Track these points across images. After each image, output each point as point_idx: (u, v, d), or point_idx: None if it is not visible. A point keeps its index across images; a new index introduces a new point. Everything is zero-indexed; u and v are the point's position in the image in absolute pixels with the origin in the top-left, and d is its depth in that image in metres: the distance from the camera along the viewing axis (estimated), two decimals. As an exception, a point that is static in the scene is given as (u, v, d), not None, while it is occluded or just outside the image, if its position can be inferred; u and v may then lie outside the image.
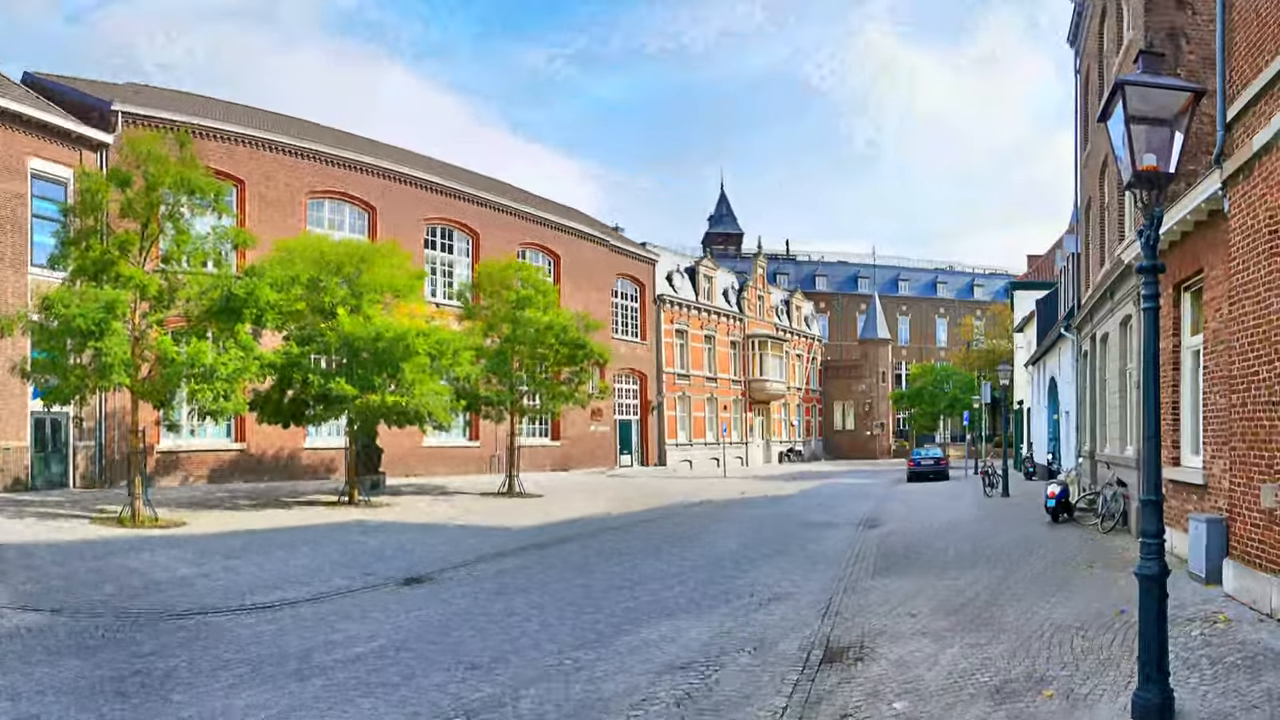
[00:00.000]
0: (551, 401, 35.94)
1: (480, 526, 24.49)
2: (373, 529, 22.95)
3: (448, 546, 20.30)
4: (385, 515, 26.10)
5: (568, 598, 14.13)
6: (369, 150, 43.21)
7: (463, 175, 49.72)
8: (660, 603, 13.74)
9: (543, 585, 15.29)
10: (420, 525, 24.27)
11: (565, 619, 12.56)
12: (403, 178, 42.78)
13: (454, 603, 13.82)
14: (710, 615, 12.80)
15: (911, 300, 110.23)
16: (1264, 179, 10.81)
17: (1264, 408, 10.68)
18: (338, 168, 39.92)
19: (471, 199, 46.47)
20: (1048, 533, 20.89)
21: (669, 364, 64.53)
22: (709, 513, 29.81)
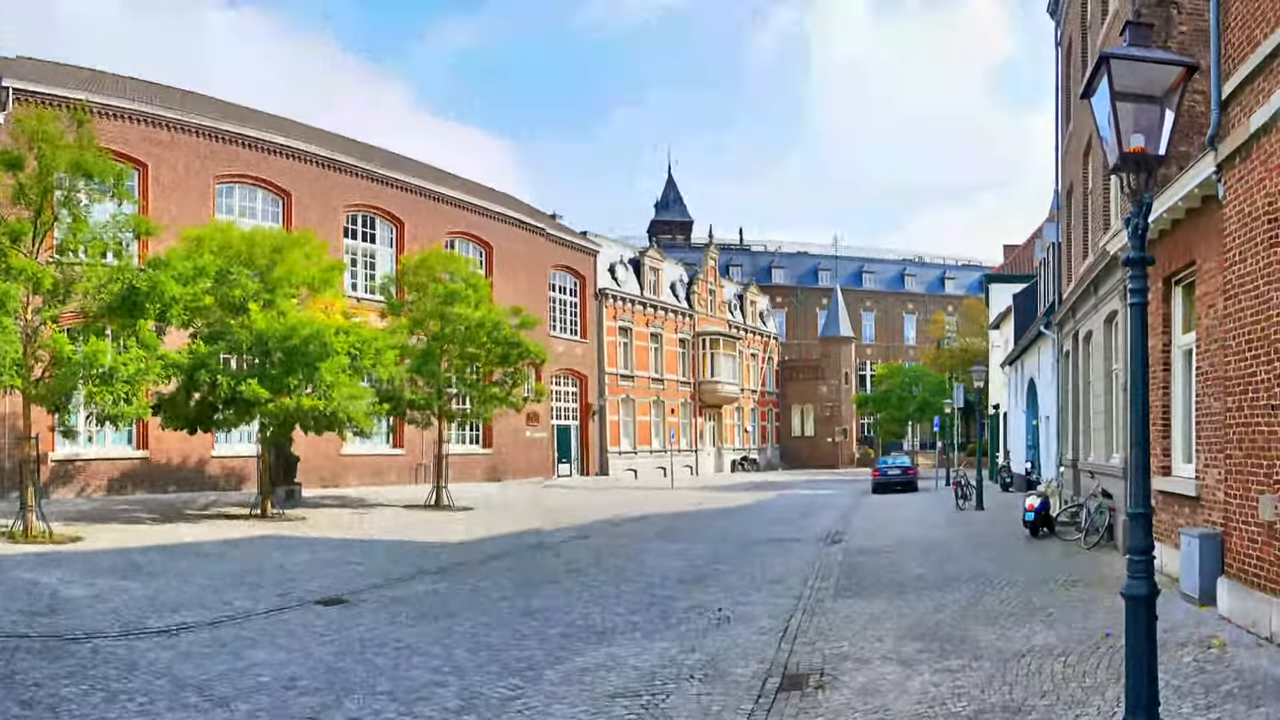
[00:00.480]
0: (483, 405, 35.90)
1: (404, 542, 24.33)
2: (286, 545, 22.74)
3: (368, 564, 20.16)
4: (300, 530, 25.92)
5: (499, 621, 13.99)
6: (284, 130, 42.81)
7: (386, 158, 49.42)
8: (601, 626, 13.62)
9: (472, 607, 15.12)
10: (339, 541, 24.10)
11: (496, 644, 12.42)
12: (321, 160, 42.51)
13: (374, 626, 13.62)
14: (656, 639, 12.71)
15: (877, 294, 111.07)
16: (1262, 162, 10.93)
17: (1262, 412, 10.79)
18: (250, 150, 39.61)
19: (396, 184, 46.28)
20: (1026, 549, 21.04)
21: (612, 364, 64.43)
22: (655, 527, 29.69)
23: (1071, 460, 26.63)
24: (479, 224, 51.31)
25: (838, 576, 18.04)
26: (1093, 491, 21.33)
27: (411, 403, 33.73)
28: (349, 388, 27.39)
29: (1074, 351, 26.65)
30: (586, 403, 61.84)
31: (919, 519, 31.14)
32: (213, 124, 38.31)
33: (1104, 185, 21.65)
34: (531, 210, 60.70)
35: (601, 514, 34.10)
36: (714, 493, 49.24)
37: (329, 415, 27.04)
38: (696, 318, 75.76)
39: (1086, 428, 24.56)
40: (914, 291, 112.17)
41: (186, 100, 40.67)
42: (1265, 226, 10.77)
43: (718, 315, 79.91)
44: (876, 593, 15.83)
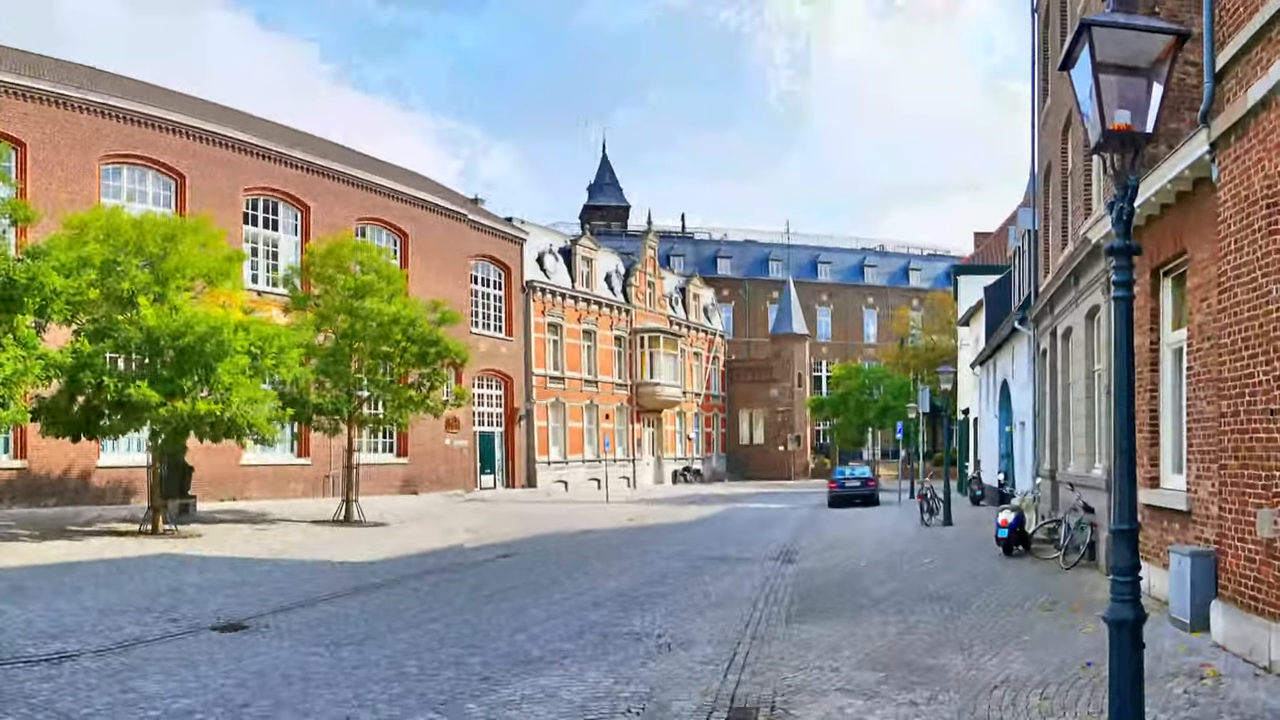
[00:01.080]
0: (398, 410, 35.89)
1: (311, 562, 24.27)
2: (180, 564, 22.65)
3: (271, 586, 20.10)
4: (196, 547, 25.86)
5: (416, 649, 13.89)
6: (177, 106, 42.52)
7: (290, 136, 49.21)
8: (528, 654, 13.54)
9: (385, 634, 15.03)
10: (238, 560, 24.04)
11: (413, 675, 12.30)
12: (218, 139, 42.32)
13: (278, 655, 13.49)
14: (589, 669, 12.63)
15: (834, 287, 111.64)
16: (1260, 140, 10.99)
17: (1260, 417, 10.86)
18: (139, 126, 39.38)
19: (301, 165, 46.12)
20: (999, 568, 21.17)
21: (540, 364, 64.37)
22: (588, 544, 29.73)
23: (1049, 471, 26.82)
24: (393, 209, 51.24)
25: (790, 599, 18.11)
26: (1073, 505, 21.48)
27: (318, 407, 33.68)
28: (249, 390, 27.38)
29: (1052, 350, 26.84)
30: (512, 407, 61.75)
31: (881, 536, 31.31)
32: (99, 99, 37.97)
33: (1085, 166, 21.78)
34: (452, 194, 60.52)
35: (529, 530, 34.17)
36: (653, 506, 49.27)
37: (227, 421, 27.05)
38: (634, 313, 75.78)
39: (1066, 435, 24.74)
40: (874, 284, 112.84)
41: (69, 72, 40.30)
42: (1264, 212, 10.83)
43: (657, 310, 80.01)
44: (833, 617, 15.85)
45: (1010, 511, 24.01)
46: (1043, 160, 28.81)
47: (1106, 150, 7.35)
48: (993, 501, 41.09)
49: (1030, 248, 31.85)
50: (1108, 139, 7.24)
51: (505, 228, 61.92)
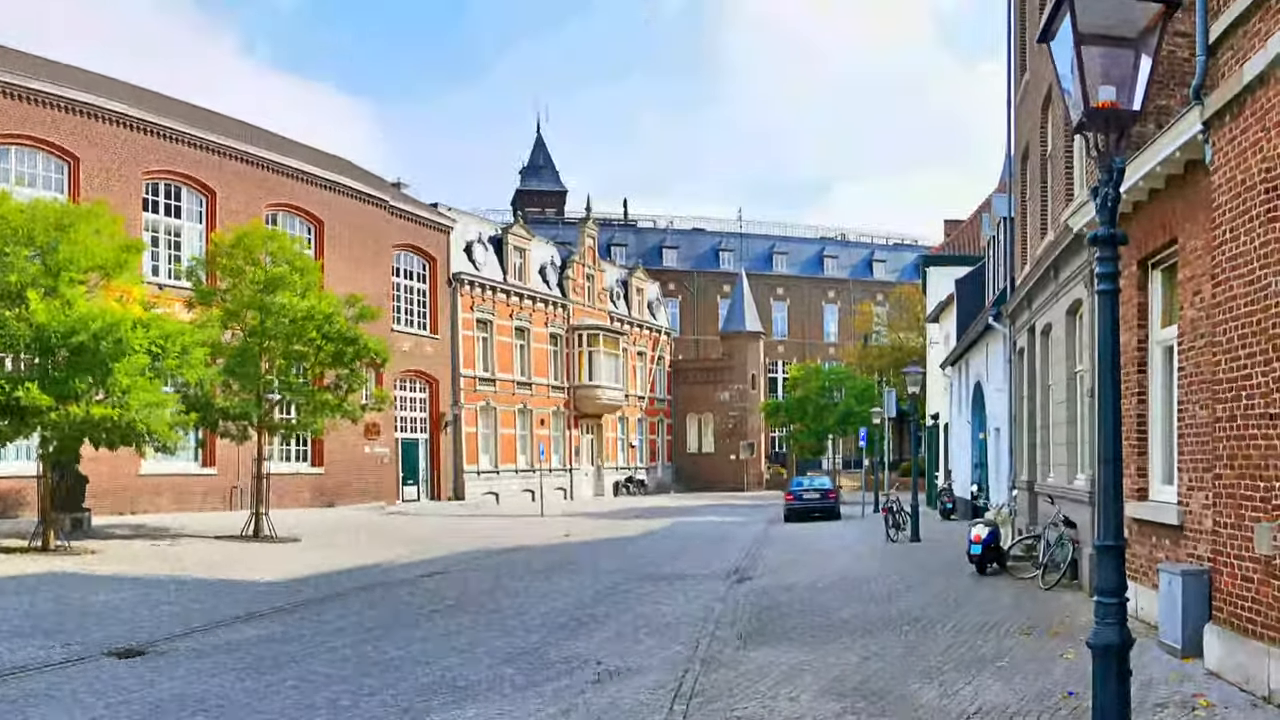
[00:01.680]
0: (312, 415, 35.83)
1: (217, 581, 24.24)
2: (73, 584, 22.55)
3: (174, 607, 20.07)
4: (90, 565, 25.78)
5: (334, 676, 13.87)
6: (67, 79, 42.15)
7: (194, 114, 48.96)
8: (460, 681, 13.53)
9: (302, 659, 14.99)
10: (138, 579, 23.95)
11: (329, 705, 12.21)
12: (113, 117, 41.96)
13: (183, 683, 13.46)
14: (526, 698, 12.61)
15: (790, 280, 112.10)
16: (1258, 119, 11.02)
17: (1259, 422, 10.89)
18: (26, 103, 39.00)
19: (206, 146, 45.87)
20: (972, 588, 21.25)
21: (468, 365, 64.34)
22: (522, 562, 29.74)
23: (1027, 482, 26.96)
24: (307, 194, 51.06)
25: (745, 621, 18.11)
26: (1052, 519, 21.58)
27: (225, 412, 33.60)
28: (149, 394, 27.30)
29: (1030, 349, 26.97)
30: (438, 412, 61.69)
31: (842, 552, 31.41)
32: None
33: (1066, 147, 21.88)
34: (371, 178, 60.32)
35: (458, 546, 34.23)
36: (593, 520, 49.25)
37: (124, 427, 26.93)
38: (571, 308, 75.72)
39: (1045, 442, 24.85)
40: (835, 276, 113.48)
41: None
42: (1262, 197, 10.86)
43: (597, 305, 80.00)
44: (792, 640, 15.86)
45: (984, 526, 24.09)
46: (1020, 141, 28.94)
47: (1089, 130, 7.33)
48: (965, 515, 41.29)
49: (1006, 237, 32.02)
50: (1091, 117, 7.21)
51: (430, 214, 61.77)
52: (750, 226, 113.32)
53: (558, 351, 74.98)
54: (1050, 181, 24.33)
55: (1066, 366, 21.92)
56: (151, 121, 43.38)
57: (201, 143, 45.59)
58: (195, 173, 45.32)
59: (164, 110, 45.79)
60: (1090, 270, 18.07)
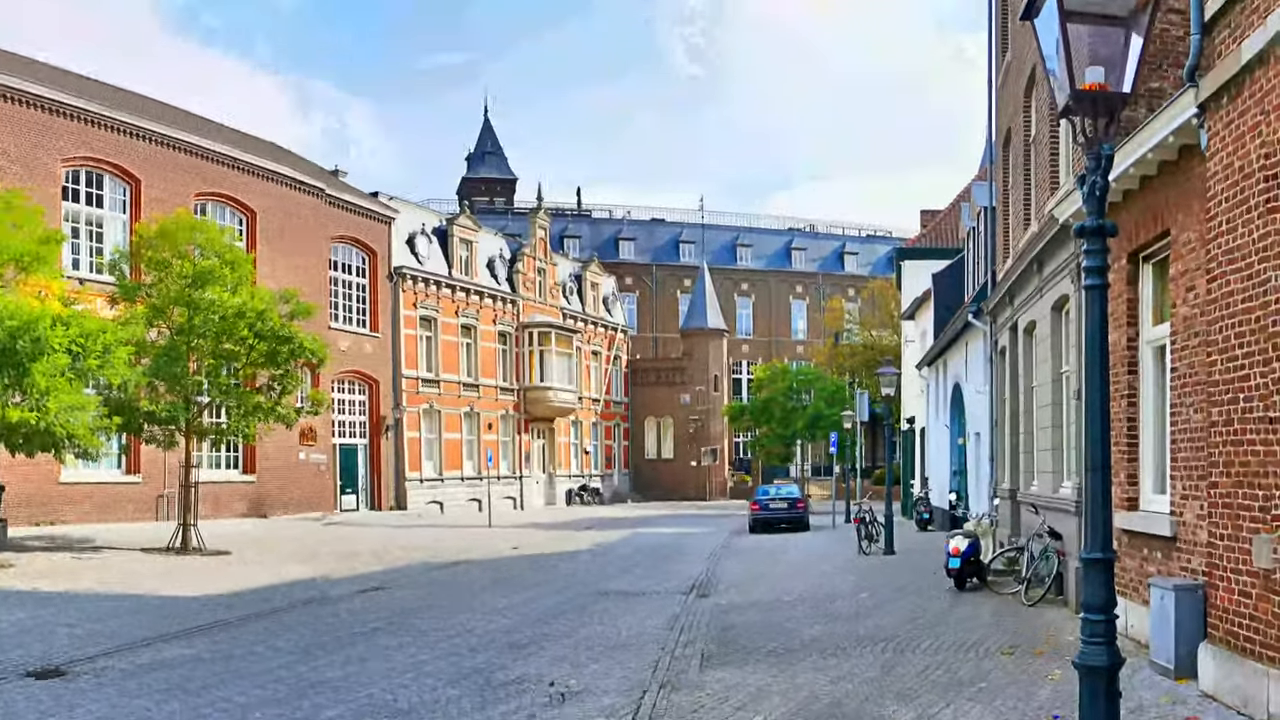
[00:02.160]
0: (244, 419, 35.83)
1: (141, 597, 24.17)
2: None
3: (94, 625, 19.96)
4: (6, 580, 25.82)
5: (266, 699, 13.85)
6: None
7: (118, 97, 48.76)
8: (395, 705, 13.50)
9: (229, 681, 14.94)
10: (55, 594, 23.92)
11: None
12: (30, 99, 41.80)
13: (105, 706, 13.41)
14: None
15: (756, 274, 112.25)
16: (1257, 101, 11.03)
17: (1257, 426, 10.91)
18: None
19: (130, 130, 45.64)
20: (950, 604, 21.30)
21: (411, 365, 64.29)
22: (470, 576, 29.80)
23: (1009, 490, 27.03)
24: (239, 183, 50.99)
25: (707, 639, 18.12)
26: (1036, 531, 21.62)
27: (151, 415, 33.56)
28: (69, 396, 27.30)
29: (1012, 349, 27.05)
30: (378, 416, 61.61)
31: (812, 566, 31.50)
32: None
33: (1051, 132, 21.96)
34: (307, 165, 60.24)
35: (399, 559, 34.34)
36: (544, 532, 49.20)
37: (43, 431, 27.00)
38: (521, 304, 75.64)
39: (1029, 448, 24.91)
40: (804, 270, 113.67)
41: None
42: (1261, 185, 10.87)
43: (549, 302, 79.95)
44: (757, 661, 15.86)
45: (963, 538, 24.13)
46: (1001, 126, 29.02)
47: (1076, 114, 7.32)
48: (942, 526, 41.43)
49: (987, 228, 32.09)
50: (1078, 100, 7.20)
51: (370, 204, 61.65)
52: (713, 217, 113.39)
53: (507, 351, 74.90)
54: (1034, 169, 24.39)
55: (1051, 367, 21.97)
56: (69, 104, 43.08)
57: (125, 127, 45.32)
58: (118, 159, 45.04)
59: (85, 92, 45.47)
60: (1077, 264, 18.09)
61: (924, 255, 55.65)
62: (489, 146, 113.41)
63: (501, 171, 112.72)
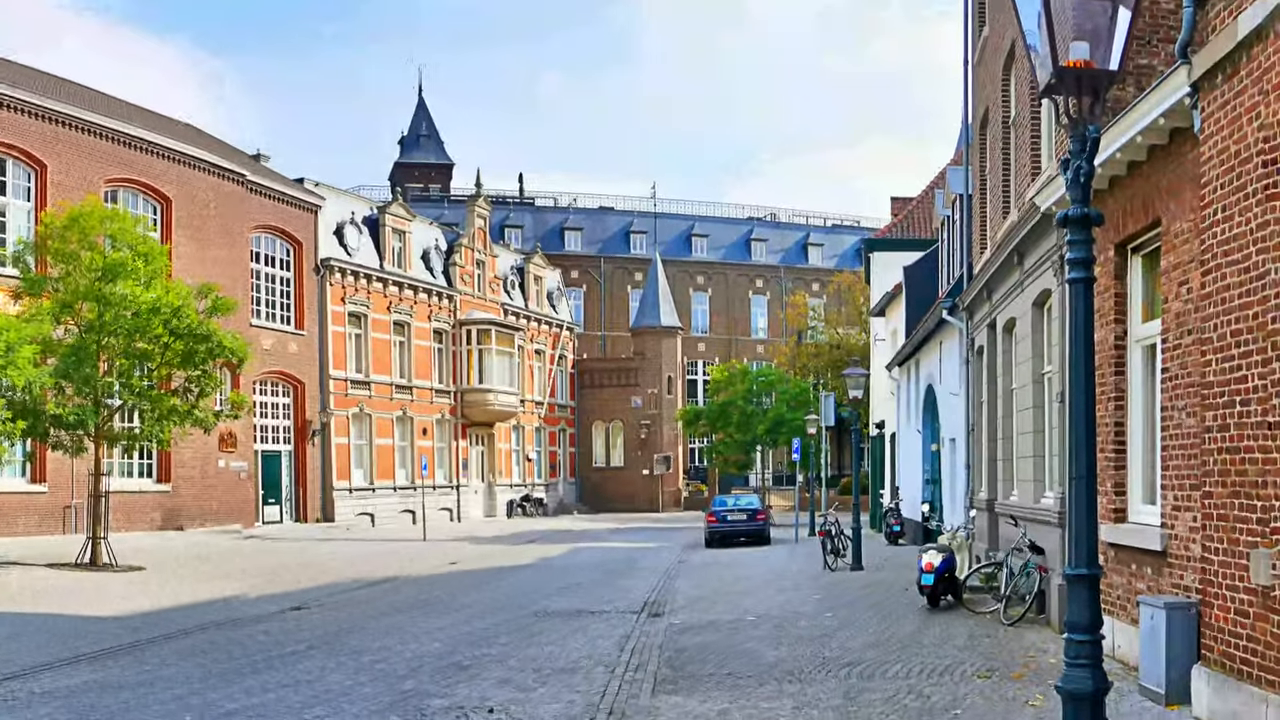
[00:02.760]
0: (158, 423, 35.77)
1: (45, 616, 24.21)
2: None
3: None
4: None
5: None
6: None
7: (20, 75, 48.50)
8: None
9: (133, 709, 14.87)
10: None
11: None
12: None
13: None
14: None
15: (713, 267, 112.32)
16: (1255, 80, 11.04)
17: (1255, 432, 10.91)
18: None
19: (34, 111, 45.45)
20: (923, 624, 21.32)
21: (339, 365, 64.12)
22: (402, 594, 29.82)
23: (986, 501, 27.09)
24: (153, 168, 50.69)
25: (658, 663, 18.10)
26: (1016, 545, 21.66)
27: (57, 419, 33.55)
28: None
29: (990, 347, 27.11)
30: (304, 420, 61.39)
31: (773, 583, 31.50)
32: None
33: (1032, 114, 22.01)
34: (226, 149, 59.94)
35: (325, 576, 34.33)
36: (483, 546, 49.27)
37: None
38: (459, 299, 75.47)
39: (1008, 455, 24.98)
40: (764, 263, 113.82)
41: None
42: (1260, 171, 10.88)
43: (489, 297, 79.80)
44: (713, 686, 15.85)
45: (937, 553, 24.16)
46: (978, 106, 29.09)
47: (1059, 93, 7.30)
48: (915, 540, 41.50)
49: (962, 217, 32.18)
50: (1061, 78, 7.17)
51: (295, 191, 61.39)
52: (666, 205, 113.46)
53: (443, 350, 74.70)
54: (1014, 153, 24.45)
55: (1032, 367, 22.02)
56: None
57: (29, 107, 44.97)
58: (21, 142, 44.72)
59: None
60: (1060, 256, 18.13)
61: (895, 246, 55.83)
62: (423, 129, 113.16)
63: (437, 156, 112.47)
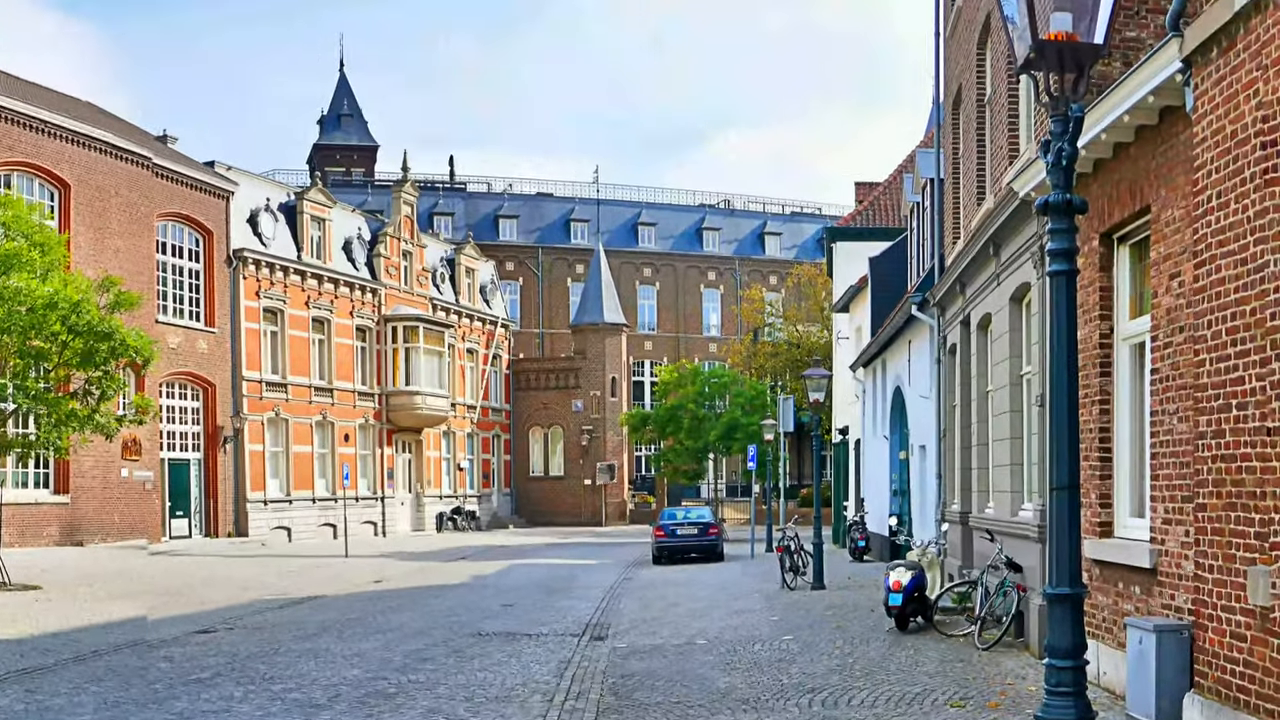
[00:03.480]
0: (55, 429, 35.70)
1: None
2: None
3: None
4: None
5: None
6: None
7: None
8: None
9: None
10: None
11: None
12: None
13: None
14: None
15: (661, 258, 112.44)
16: (1253, 55, 11.05)
17: (1253, 439, 10.92)
18: None
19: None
20: (890, 648, 21.35)
21: (253, 365, 64.04)
22: (321, 615, 29.66)
23: (959, 513, 27.17)
24: (49, 150, 50.71)
25: (602, 691, 18.09)
26: (992, 562, 21.70)
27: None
28: None
29: (964, 346, 27.18)
30: (214, 425, 61.28)
31: (726, 603, 31.51)
32: None
33: (1010, 92, 22.06)
34: (130, 129, 59.74)
35: (236, 596, 34.27)
36: (411, 563, 49.26)
37: None
38: (384, 294, 75.44)
39: (983, 463, 25.05)
40: (717, 254, 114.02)
41: None
42: (1258, 153, 10.89)
43: (416, 291, 79.81)
44: (660, 716, 15.88)
45: (905, 570, 24.16)
46: (950, 83, 29.16)
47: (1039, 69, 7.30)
48: (882, 557, 41.63)
49: (933, 204, 32.25)
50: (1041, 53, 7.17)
51: (205, 176, 61.19)
52: (610, 191, 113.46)
53: (366, 348, 74.67)
54: (990, 134, 24.52)
55: (1010, 368, 22.07)
56: None
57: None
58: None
59: None
60: (1040, 246, 18.17)
61: (860, 236, 56.03)
62: (345, 107, 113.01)
63: (360, 137, 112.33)
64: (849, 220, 63.36)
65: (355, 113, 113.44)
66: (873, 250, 49.14)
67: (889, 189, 58.16)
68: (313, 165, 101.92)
